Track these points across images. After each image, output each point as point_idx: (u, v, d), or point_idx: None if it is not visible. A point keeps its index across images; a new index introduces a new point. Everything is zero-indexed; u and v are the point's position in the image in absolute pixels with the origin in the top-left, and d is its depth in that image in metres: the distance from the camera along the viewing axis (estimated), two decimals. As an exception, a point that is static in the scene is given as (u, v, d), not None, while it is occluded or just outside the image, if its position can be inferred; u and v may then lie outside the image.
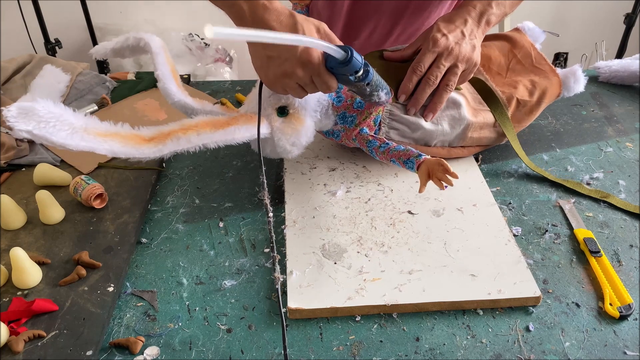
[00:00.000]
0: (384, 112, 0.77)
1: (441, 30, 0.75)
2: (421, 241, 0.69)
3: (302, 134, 0.73)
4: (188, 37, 2.38)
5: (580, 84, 0.88)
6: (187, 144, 0.64)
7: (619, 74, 1.07)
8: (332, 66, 0.63)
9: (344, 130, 0.78)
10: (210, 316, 0.61)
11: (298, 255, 0.67)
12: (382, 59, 0.80)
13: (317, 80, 0.65)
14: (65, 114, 0.58)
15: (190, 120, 0.66)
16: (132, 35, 0.76)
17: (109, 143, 0.60)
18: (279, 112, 0.72)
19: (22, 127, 0.55)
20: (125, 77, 1.07)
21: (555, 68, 0.88)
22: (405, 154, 0.70)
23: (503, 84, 0.86)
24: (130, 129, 0.63)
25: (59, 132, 0.57)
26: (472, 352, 0.57)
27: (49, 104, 0.57)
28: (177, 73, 0.77)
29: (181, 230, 0.73)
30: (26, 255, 0.63)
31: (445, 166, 0.65)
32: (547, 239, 0.71)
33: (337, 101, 0.77)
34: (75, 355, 0.55)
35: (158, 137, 0.63)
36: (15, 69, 1.00)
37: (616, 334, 0.59)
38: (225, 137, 0.66)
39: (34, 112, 0.56)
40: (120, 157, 0.62)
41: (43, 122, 0.56)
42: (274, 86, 0.67)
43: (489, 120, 0.82)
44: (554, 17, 2.53)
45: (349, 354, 0.57)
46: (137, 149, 0.62)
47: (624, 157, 0.87)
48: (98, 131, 0.60)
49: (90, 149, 0.59)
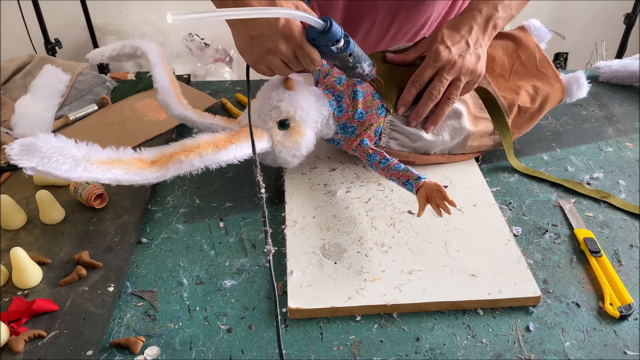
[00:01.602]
0: (385, 123, 0.77)
1: (445, 42, 0.74)
2: (421, 241, 0.69)
3: (303, 146, 0.74)
4: (188, 37, 2.38)
5: (583, 90, 0.88)
6: (189, 168, 0.65)
7: (619, 74, 1.07)
8: (313, 37, 0.64)
9: (345, 140, 0.78)
10: (211, 316, 0.61)
11: (298, 255, 0.67)
12: (384, 61, 0.80)
13: (300, 54, 0.65)
14: (67, 146, 0.59)
15: (191, 142, 0.66)
16: (129, 43, 0.76)
17: (112, 172, 0.61)
18: (279, 126, 0.73)
19: (26, 164, 0.56)
20: (125, 77, 1.07)
21: (558, 73, 0.87)
22: (405, 174, 0.69)
23: (505, 88, 0.86)
24: (131, 152, 0.64)
25: (62, 166, 0.57)
26: (472, 352, 0.57)
27: (50, 138, 0.58)
28: (176, 82, 0.78)
29: (181, 230, 0.73)
30: (26, 255, 0.63)
31: (443, 193, 0.64)
32: (547, 239, 0.71)
33: (338, 111, 0.76)
34: (76, 355, 0.55)
35: (160, 160, 0.64)
36: (15, 69, 1.00)
37: (616, 334, 0.59)
38: (227, 157, 0.67)
39: (36, 147, 0.56)
40: (124, 184, 0.62)
41: (46, 157, 0.57)
42: (259, 66, 0.68)
43: (489, 129, 0.82)
44: (554, 17, 2.53)
45: (349, 354, 0.57)
46: (140, 174, 0.62)
47: (624, 157, 0.87)
48: (100, 160, 0.61)
49: (94, 180, 0.60)
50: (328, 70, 0.82)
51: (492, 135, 0.83)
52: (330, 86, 0.78)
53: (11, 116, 0.87)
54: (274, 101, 0.72)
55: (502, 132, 0.82)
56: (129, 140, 0.88)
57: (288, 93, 0.72)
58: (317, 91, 0.77)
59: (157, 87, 0.73)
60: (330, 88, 0.78)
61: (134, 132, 0.89)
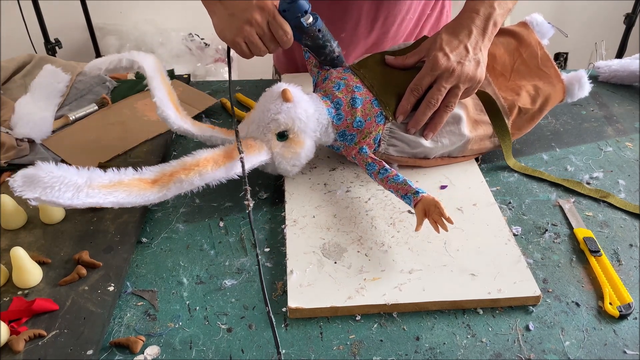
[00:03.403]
0: (384, 130, 0.76)
1: (443, 49, 0.73)
2: (421, 240, 0.69)
3: (303, 156, 0.75)
4: (188, 37, 2.38)
5: (584, 90, 0.87)
6: (189, 187, 0.67)
7: (619, 74, 1.07)
8: (284, 9, 0.71)
9: (344, 147, 0.78)
10: (211, 315, 0.61)
11: (298, 254, 0.67)
12: (383, 64, 0.80)
13: (273, 25, 0.71)
14: (68, 174, 0.60)
15: (191, 159, 0.67)
16: (126, 56, 0.77)
17: (114, 195, 0.62)
18: (278, 137, 0.73)
19: (30, 195, 0.57)
20: (125, 77, 1.07)
21: (560, 72, 0.86)
22: (403, 188, 0.69)
23: (506, 88, 0.85)
24: (132, 172, 0.65)
25: (64, 195, 0.59)
26: (472, 352, 0.57)
27: (51, 167, 0.59)
28: (174, 95, 0.78)
29: (181, 229, 0.73)
30: (26, 255, 0.63)
31: (440, 209, 0.64)
32: (547, 239, 0.71)
33: (337, 119, 0.76)
34: (76, 354, 0.55)
35: (161, 179, 0.65)
36: (15, 69, 1.00)
37: (616, 334, 0.59)
38: (227, 174, 0.69)
39: (38, 178, 0.58)
40: (126, 207, 0.64)
41: (48, 187, 0.58)
42: (237, 39, 0.72)
43: (489, 132, 0.82)
44: (554, 17, 2.53)
45: (349, 354, 0.57)
46: (142, 196, 0.64)
47: (624, 156, 0.87)
48: (102, 184, 0.62)
49: (97, 205, 0.61)
50: (327, 74, 0.82)
51: (492, 137, 0.83)
52: (329, 92, 0.78)
53: (11, 116, 0.87)
54: (272, 113, 0.72)
55: (501, 135, 0.82)
56: (129, 139, 0.88)
57: (286, 105, 0.72)
58: (316, 99, 0.76)
59: (156, 101, 0.73)
60: (329, 94, 0.77)
61: (134, 132, 0.89)
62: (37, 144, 0.86)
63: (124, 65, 0.77)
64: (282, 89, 0.72)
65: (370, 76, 0.78)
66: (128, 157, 0.85)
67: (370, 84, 0.77)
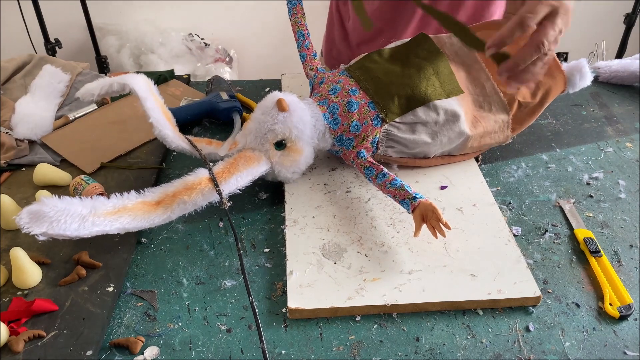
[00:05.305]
0: (381, 133, 0.76)
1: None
2: (421, 241, 0.69)
3: (302, 162, 0.75)
4: (188, 37, 2.38)
5: (586, 79, 0.85)
6: (193, 207, 0.67)
7: (619, 74, 1.07)
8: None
9: (342, 151, 0.78)
10: (210, 316, 0.61)
11: (298, 255, 0.67)
12: (379, 63, 0.79)
13: None
14: (72, 206, 0.60)
15: (193, 179, 0.67)
16: (117, 80, 0.77)
17: (119, 221, 0.62)
18: (276, 146, 0.73)
19: (37, 230, 0.58)
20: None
21: (560, 63, 0.84)
22: (401, 193, 0.69)
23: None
24: (135, 196, 0.65)
25: (70, 226, 0.59)
26: (472, 352, 0.57)
27: (55, 201, 0.60)
28: (170, 114, 0.78)
29: (181, 230, 0.73)
30: (26, 255, 0.63)
31: (437, 214, 0.65)
32: (547, 239, 0.71)
33: (334, 124, 0.76)
34: (75, 355, 0.55)
35: (164, 200, 0.66)
36: (15, 69, 1.00)
37: (616, 334, 0.59)
38: (228, 190, 0.69)
39: (43, 214, 0.59)
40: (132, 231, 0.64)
41: (54, 221, 0.59)
42: None
43: (489, 128, 0.81)
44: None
45: (349, 354, 0.57)
46: (147, 219, 0.64)
47: (624, 157, 0.87)
48: (107, 211, 0.62)
49: (104, 232, 0.61)
50: (323, 77, 0.81)
51: (492, 134, 0.82)
52: (325, 96, 0.77)
53: (11, 116, 0.87)
54: (269, 124, 0.72)
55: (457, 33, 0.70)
56: (129, 139, 0.88)
57: (282, 114, 0.72)
58: (312, 105, 0.76)
59: (152, 122, 0.73)
60: (325, 99, 0.77)
61: (134, 132, 0.89)
62: (37, 143, 0.86)
63: (116, 89, 0.78)
64: (277, 98, 0.72)
65: (365, 78, 0.78)
66: (128, 157, 0.85)
67: (366, 86, 0.77)
